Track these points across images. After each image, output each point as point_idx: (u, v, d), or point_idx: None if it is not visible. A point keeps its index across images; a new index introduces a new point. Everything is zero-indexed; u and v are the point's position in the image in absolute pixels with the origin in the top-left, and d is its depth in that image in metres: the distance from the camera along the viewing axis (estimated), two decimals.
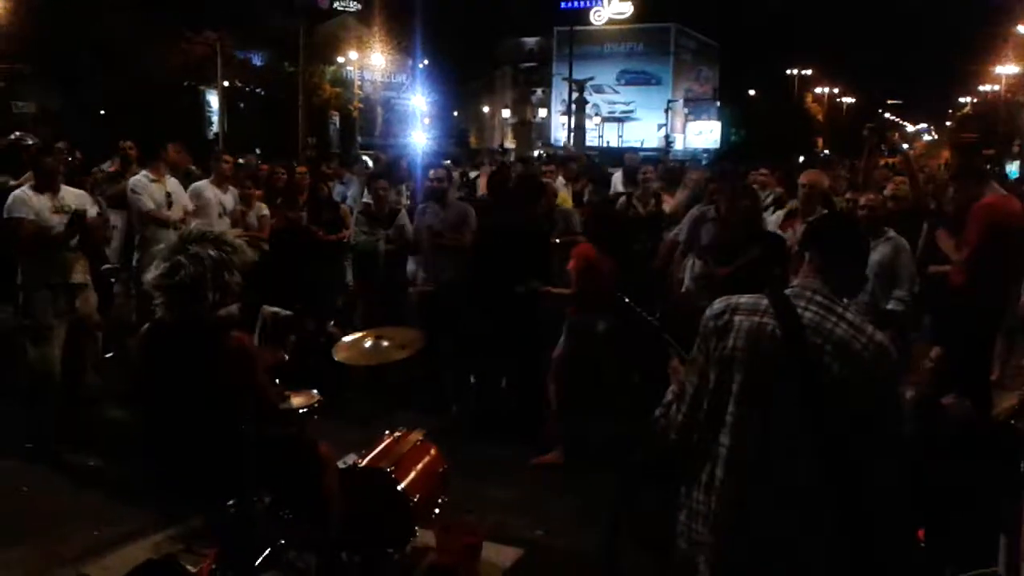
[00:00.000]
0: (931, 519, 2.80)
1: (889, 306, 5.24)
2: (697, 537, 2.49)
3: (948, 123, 60.29)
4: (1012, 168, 21.50)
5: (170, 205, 7.19)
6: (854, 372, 2.36)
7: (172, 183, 7.35)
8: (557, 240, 7.08)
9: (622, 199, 9.10)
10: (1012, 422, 3.70)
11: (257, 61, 37.76)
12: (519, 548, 4.73)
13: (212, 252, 3.62)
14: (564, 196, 9.02)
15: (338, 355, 4.70)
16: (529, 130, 47.07)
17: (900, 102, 68.47)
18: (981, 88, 50.52)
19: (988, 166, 7.77)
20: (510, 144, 46.25)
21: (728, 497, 2.42)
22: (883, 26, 68.08)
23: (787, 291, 2.52)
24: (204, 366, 3.62)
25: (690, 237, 6.52)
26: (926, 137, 58.14)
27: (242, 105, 35.41)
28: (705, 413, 2.49)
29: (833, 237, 2.63)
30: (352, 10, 45.45)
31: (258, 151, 18.63)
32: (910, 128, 68.11)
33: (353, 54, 40.51)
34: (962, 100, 57.93)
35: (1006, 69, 43.06)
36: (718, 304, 2.56)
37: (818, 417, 2.33)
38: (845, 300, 2.50)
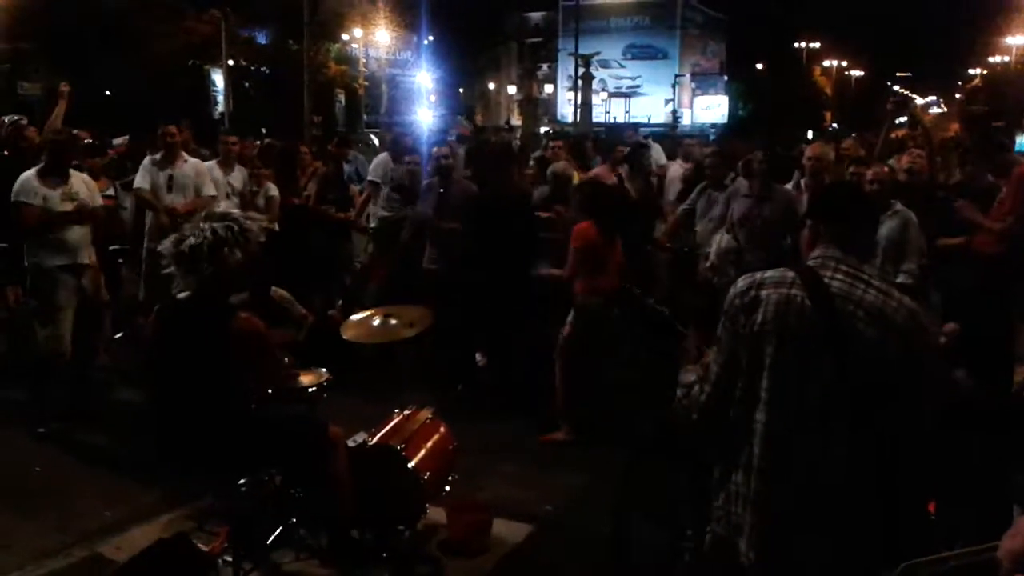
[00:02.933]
0: (943, 492, 2.80)
1: (899, 279, 5.21)
2: (737, 520, 2.46)
3: (957, 95, 59.82)
4: (1022, 140, 21.32)
5: (170, 189, 7.13)
6: (889, 336, 2.34)
7: (186, 167, 7.23)
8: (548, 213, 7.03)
9: (613, 178, 9.07)
10: None
11: (262, 39, 37.58)
12: (529, 524, 4.76)
13: (218, 227, 3.64)
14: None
15: (347, 333, 4.72)
16: (535, 106, 46.77)
17: (909, 74, 67.88)
18: (991, 60, 50.04)
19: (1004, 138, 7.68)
20: (516, 121, 46.06)
21: (768, 474, 2.40)
22: None
23: (810, 262, 2.50)
24: (215, 346, 3.64)
25: (723, 212, 6.53)
26: (935, 110, 57.72)
27: (247, 84, 35.29)
28: (740, 391, 2.46)
29: (844, 206, 2.61)
30: None
31: (264, 131, 18.58)
32: (919, 101, 67.63)
33: (358, 31, 40.29)
34: (971, 72, 57.45)
35: (1016, 40, 42.63)
36: (742, 282, 2.53)
37: (854, 385, 2.31)
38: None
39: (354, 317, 4.84)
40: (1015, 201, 5.49)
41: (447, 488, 4.51)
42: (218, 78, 34.02)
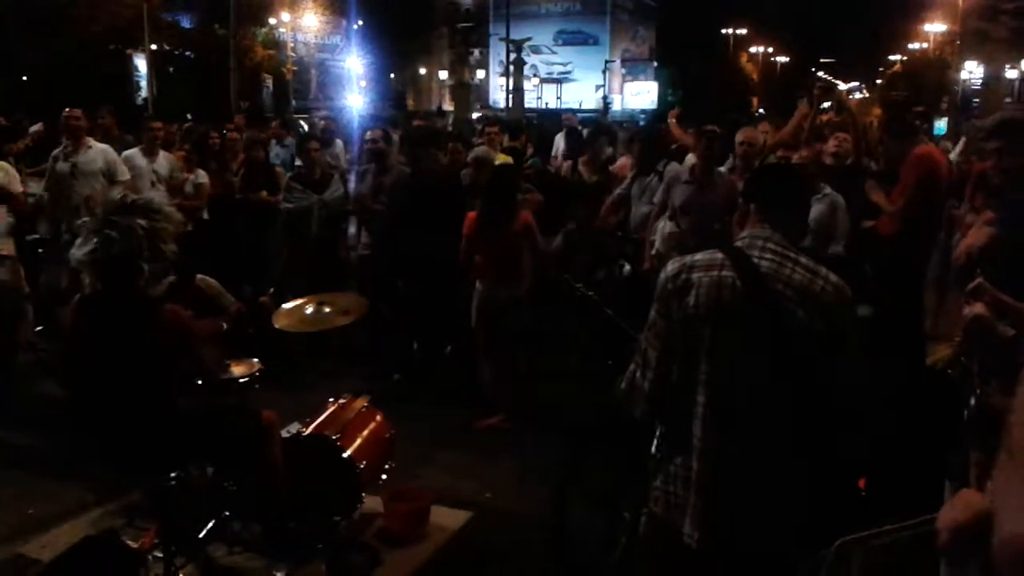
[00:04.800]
0: (872, 469, 2.87)
1: None
2: (678, 500, 2.48)
3: (879, 81, 61.32)
4: (940, 125, 21.96)
5: (75, 176, 6.84)
6: (818, 314, 2.38)
7: (91, 153, 6.95)
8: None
9: (566, 164, 9.06)
10: (948, 371, 3.79)
11: (186, 24, 36.65)
12: (468, 511, 4.75)
13: (142, 222, 3.52)
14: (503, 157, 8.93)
15: (278, 322, 4.63)
16: (467, 92, 46.50)
17: (832, 60, 69.34)
18: (910, 46, 51.40)
19: (918, 123, 7.88)
20: (448, 106, 45.80)
21: (709, 455, 2.42)
22: None
23: (738, 242, 2.52)
24: (139, 338, 3.54)
25: (664, 199, 6.52)
26: (858, 95, 59.12)
27: (171, 69, 34.39)
28: (676, 375, 2.47)
29: (775, 186, 2.65)
30: None
31: (189, 116, 18.14)
32: (842, 86, 69.14)
33: (286, 15, 39.56)
34: (892, 58, 58.91)
35: (934, 27, 43.86)
36: (672, 265, 2.54)
37: (788, 362, 2.34)
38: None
39: (286, 305, 4.76)
40: (907, 183, 5.65)
41: (384, 477, 4.48)
42: (141, 63, 33.08)
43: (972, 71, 40.20)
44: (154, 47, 31.31)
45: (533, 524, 4.28)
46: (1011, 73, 36.23)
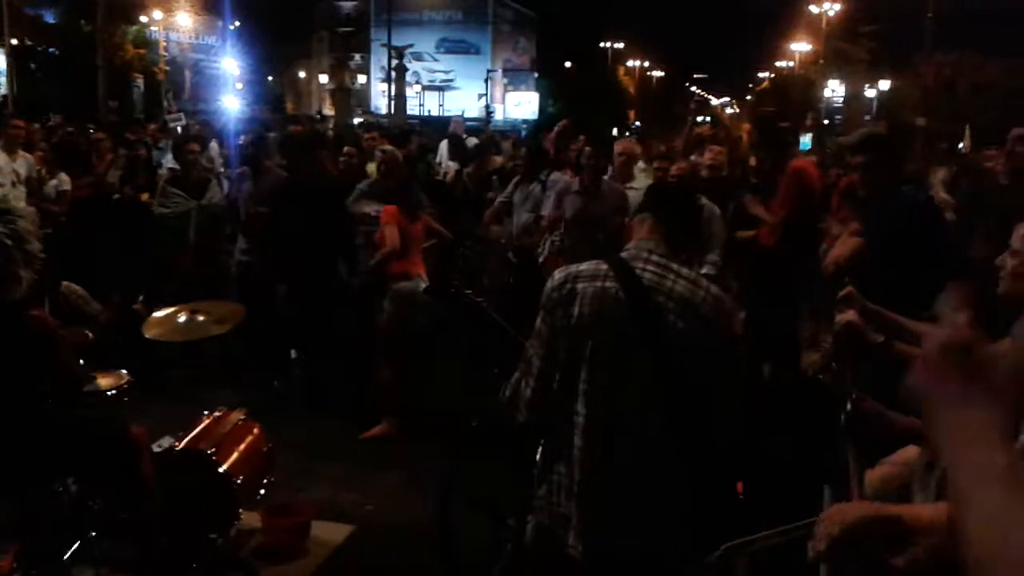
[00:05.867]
0: (749, 473, 2.95)
1: (703, 271, 5.47)
2: (560, 510, 2.48)
3: (748, 97, 63.79)
4: (805, 140, 22.97)
5: None
6: (698, 325, 2.43)
7: None
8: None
9: (450, 174, 9.06)
10: (820, 377, 3.94)
11: (50, 18, 34.92)
12: (349, 524, 4.66)
13: (2, 228, 3.31)
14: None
15: (149, 332, 4.42)
16: (348, 96, 46.02)
17: (705, 76, 71.79)
18: (778, 64, 53.72)
19: (790, 137, 8.21)
20: (329, 111, 45.12)
21: (589, 464, 2.42)
22: (688, 2, 71.03)
23: (623, 254, 2.55)
24: (4, 347, 3.32)
25: (554, 209, 6.52)
26: (729, 110, 61.34)
27: (33, 66, 32.68)
28: (558, 384, 2.47)
29: (670, 200, 2.70)
30: None
31: (49, 115, 17.26)
32: (714, 101, 71.69)
33: (158, 13, 38.17)
34: (761, 75, 61.41)
35: (800, 46, 45.99)
36: (558, 275, 2.56)
37: (667, 373, 2.38)
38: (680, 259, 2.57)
39: (158, 314, 4.55)
40: (786, 195, 5.88)
41: (262, 492, 4.34)
42: (0, 59, 31.33)
43: (834, 89, 42.34)
44: (14, 42, 29.69)
45: (417, 536, 4.22)
46: (870, 92, 38.31)
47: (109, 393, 4.05)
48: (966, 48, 33.57)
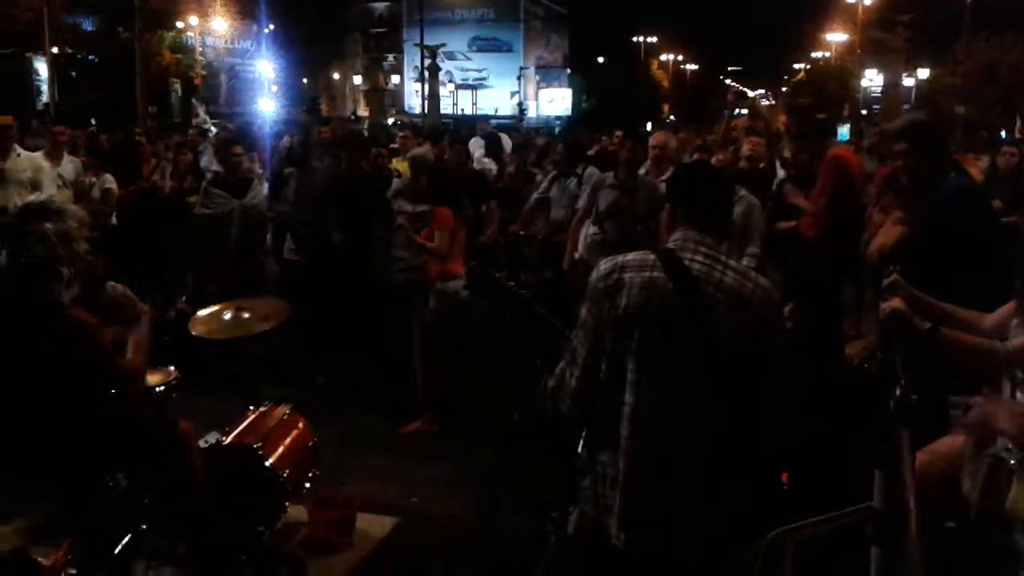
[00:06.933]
0: (795, 463, 2.93)
1: (743, 262, 5.43)
2: (605, 500, 2.47)
3: (784, 88, 63.12)
4: (843, 131, 22.72)
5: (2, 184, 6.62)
6: (747, 317, 2.42)
7: (20, 161, 6.76)
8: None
9: (491, 174, 9.12)
10: (865, 365, 3.91)
11: (89, 26, 35.50)
12: (394, 517, 4.70)
13: (50, 226, 3.38)
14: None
15: (195, 329, 4.50)
16: (382, 97, 46.17)
17: (740, 68, 71.20)
18: (813, 55, 53.09)
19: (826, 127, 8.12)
20: (363, 112, 45.40)
21: (636, 455, 2.42)
22: None
23: (670, 244, 2.55)
24: (46, 346, 3.39)
25: (589, 204, 6.54)
26: (764, 102, 60.77)
27: (74, 74, 33.26)
28: (604, 374, 2.47)
29: (698, 186, 2.68)
30: None
31: (93, 121, 17.57)
32: (749, 93, 70.91)
33: (194, 19, 38.65)
34: (796, 66, 60.69)
35: (835, 36, 45.41)
36: (605, 264, 2.55)
37: (717, 364, 2.37)
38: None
39: (203, 312, 4.63)
40: (825, 184, 5.81)
41: (308, 485, 4.39)
42: (42, 67, 31.90)
43: (872, 79, 41.76)
44: (55, 50, 30.25)
45: (460, 528, 4.25)
46: (908, 81, 37.76)
47: (158, 390, 4.12)
48: (1006, 32, 32.93)
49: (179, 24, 38.33)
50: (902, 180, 4.29)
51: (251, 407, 4.52)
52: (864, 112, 37.11)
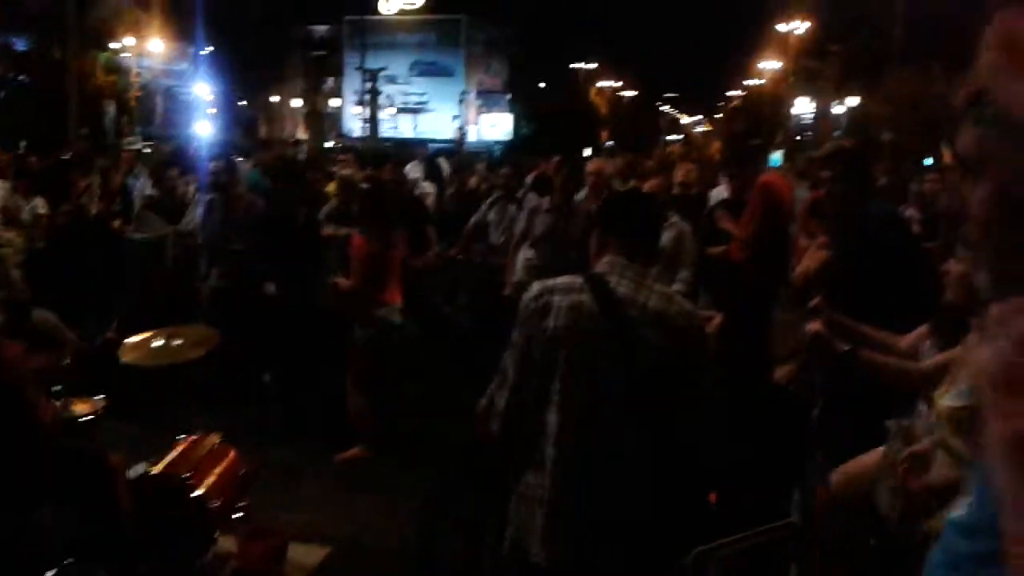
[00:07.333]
0: (722, 482, 2.99)
1: (674, 287, 5.52)
2: (529, 521, 2.50)
3: (719, 116, 64.38)
4: (776, 156, 23.23)
5: None
6: (671, 339, 2.48)
7: None
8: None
9: (430, 198, 9.13)
10: (789, 387, 4.00)
11: (21, 46, 34.70)
12: (327, 547, 4.64)
13: None
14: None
15: (125, 357, 4.42)
16: (322, 120, 46.07)
17: (676, 96, 72.44)
18: (748, 83, 54.32)
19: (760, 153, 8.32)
20: (303, 135, 45.09)
21: (561, 475, 2.46)
22: (658, 23, 71.87)
23: (598, 269, 2.61)
24: None
25: (525, 228, 6.57)
26: (700, 128, 61.96)
27: (3, 94, 32.46)
28: (532, 395, 2.51)
29: (626, 214, 2.75)
30: None
31: (23, 143, 17.14)
32: (686, 120, 72.30)
33: (129, 40, 38.05)
34: (731, 94, 62.05)
35: (769, 65, 46.55)
36: (535, 287, 2.61)
37: (641, 385, 2.42)
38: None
39: (133, 339, 4.55)
40: (754, 209, 5.96)
41: (239, 515, 4.32)
42: None
43: (804, 106, 42.86)
44: None
45: (395, 557, 4.23)
46: (838, 108, 38.78)
47: (84, 419, 4.04)
48: (932, 63, 34.08)
49: (114, 45, 37.73)
50: (827, 206, 4.42)
51: (181, 436, 4.44)
52: (797, 138, 38.03)
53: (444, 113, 56.69)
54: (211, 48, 44.98)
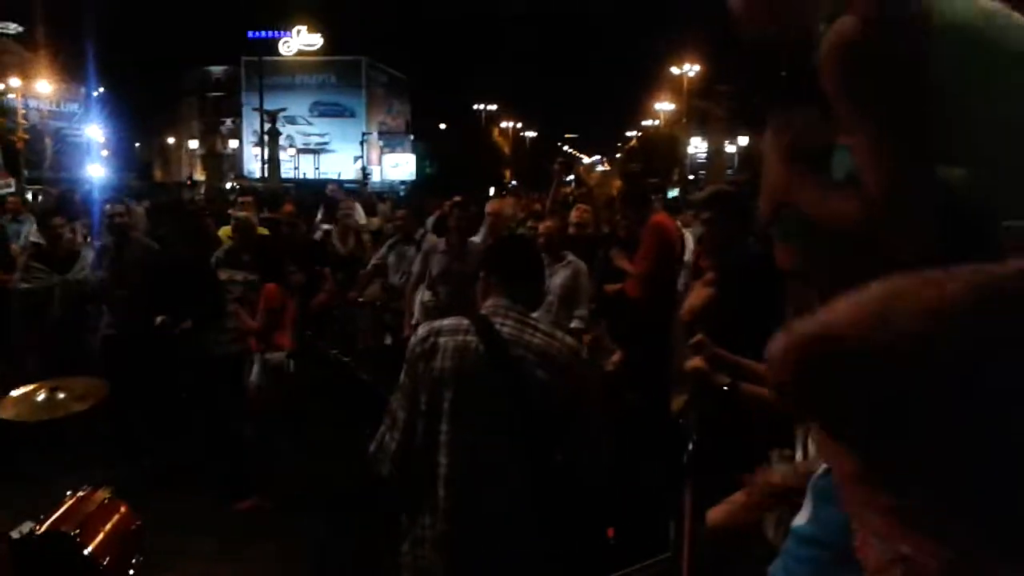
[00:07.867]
0: (620, 517, 3.06)
1: (572, 324, 5.65)
2: (424, 563, 2.53)
3: (618, 155, 65.88)
4: (673, 192, 23.90)
5: None
6: (555, 375, 2.56)
7: None
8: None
9: (319, 233, 9.07)
10: (680, 420, 4.11)
11: None
12: None
13: None
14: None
15: (5, 412, 4.26)
16: (220, 161, 45.38)
17: (576, 136, 73.98)
18: (645, 123, 55.87)
19: (654, 193, 8.59)
20: (200, 176, 44.28)
21: (452, 514, 2.49)
22: (558, 65, 73.42)
23: (483, 311, 2.67)
24: None
25: (422, 269, 6.59)
26: (599, 168, 63.27)
27: None
28: (420, 436, 2.54)
29: (510, 258, 2.84)
30: (11, 32, 41.32)
31: None
32: (586, 160, 73.76)
33: (15, 80, 36.80)
34: (629, 134, 63.69)
35: (664, 106, 48.03)
36: (422, 329, 2.68)
37: (527, 423, 2.49)
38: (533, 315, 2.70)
39: (14, 393, 4.39)
40: (648, 248, 6.16)
41: (131, 572, 4.19)
42: None
43: (697, 146, 44.32)
44: None
45: None
46: (730, 148, 40.23)
47: None
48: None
49: (0, 86, 36.44)
50: (705, 246, 4.60)
51: (68, 492, 4.29)
52: (691, 177, 39.22)
53: (346, 153, 56.52)
54: (103, 89, 43.88)
